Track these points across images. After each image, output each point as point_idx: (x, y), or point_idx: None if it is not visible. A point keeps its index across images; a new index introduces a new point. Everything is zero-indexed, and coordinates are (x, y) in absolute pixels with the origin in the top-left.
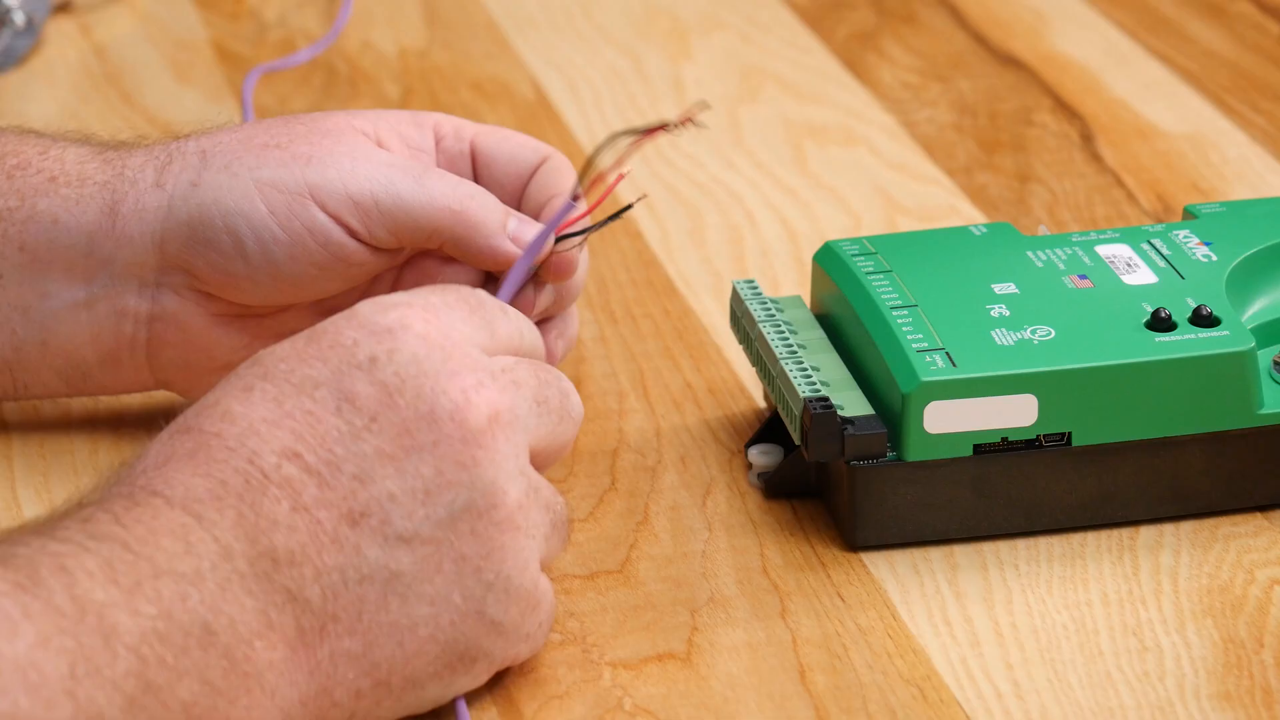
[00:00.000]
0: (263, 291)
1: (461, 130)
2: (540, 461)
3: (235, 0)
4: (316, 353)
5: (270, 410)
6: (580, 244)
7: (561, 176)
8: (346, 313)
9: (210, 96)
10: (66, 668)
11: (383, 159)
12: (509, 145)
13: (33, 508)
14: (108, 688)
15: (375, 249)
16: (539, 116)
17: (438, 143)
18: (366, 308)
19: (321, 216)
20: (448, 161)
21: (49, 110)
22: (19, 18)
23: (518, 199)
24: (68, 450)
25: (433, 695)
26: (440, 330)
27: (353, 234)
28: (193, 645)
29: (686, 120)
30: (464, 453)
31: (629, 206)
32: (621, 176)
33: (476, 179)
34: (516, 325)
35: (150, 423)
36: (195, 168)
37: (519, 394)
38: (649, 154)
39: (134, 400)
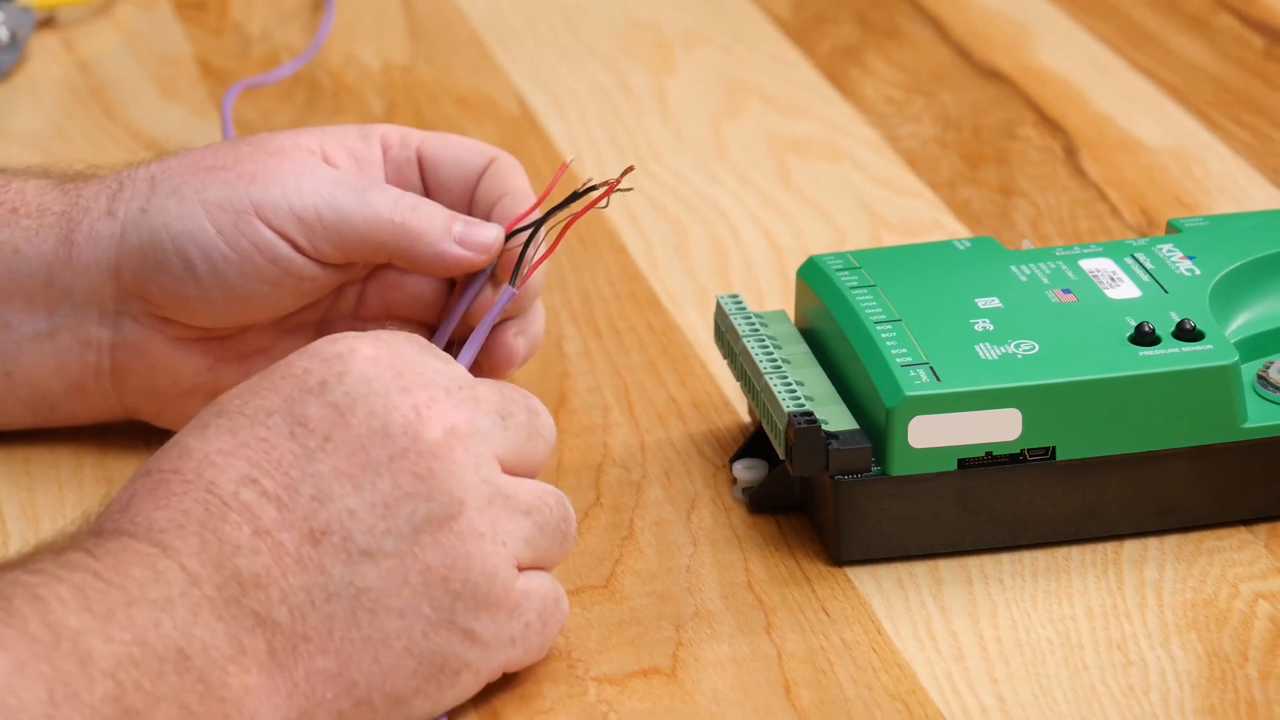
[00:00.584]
0: (218, 312)
1: (408, 138)
2: (521, 473)
3: (219, 15)
4: (269, 385)
5: (225, 442)
6: (532, 239)
7: (509, 176)
8: (300, 350)
9: (194, 111)
10: (45, 693)
11: (327, 175)
12: (454, 149)
13: (18, 524)
14: (86, 712)
15: (323, 264)
16: (523, 131)
17: (385, 152)
18: (319, 342)
19: (267, 233)
20: (395, 170)
21: (33, 125)
22: (2, 33)
23: (468, 202)
24: (52, 465)
25: (421, 711)
26: (391, 353)
27: (299, 249)
28: (168, 670)
29: (613, 186)
30: (419, 464)
31: (588, 189)
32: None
33: (425, 185)
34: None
35: (134, 435)
36: (145, 194)
37: (478, 408)
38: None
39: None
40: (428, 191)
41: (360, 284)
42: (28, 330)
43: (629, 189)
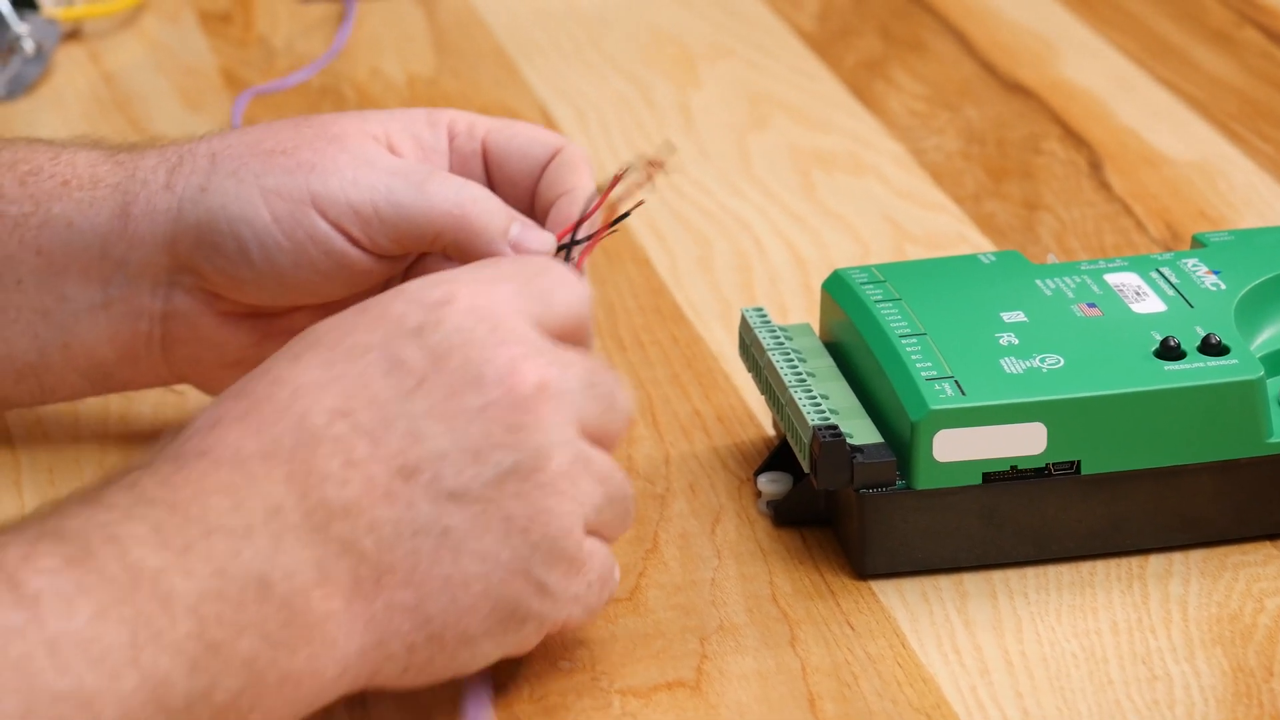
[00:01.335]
0: (269, 294)
1: (474, 128)
2: (598, 445)
3: (244, 27)
4: (365, 323)
5: (319, 374)
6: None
7: (572, 171)
8: (394, 289)
9: (219, 123)
10: (127, 637)
11: (386, 165)
12: (520, 140)
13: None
14: (170, 651)
15: (378, 256)
16: None
17: (451, 141)
18: (414, 284)
19: (323, 225)
20: (460, 160)
21: (58, 137)
22: (28, 45)
23: (530, 194)
24: (74, 460)
25: (484, 653)
26: (488, 303)
27: (355, 242)
28: (249, 599)
29: (654, 170)
30: (511, 417)
31: (626, 215)
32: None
33: (489, 176)
34: (579, 293)
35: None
36: (204, 171)
37: (567, 372)
38: (656, 180)
39: (144, 411)
40: (491, 183)
41: (402, 271)
42: (83, 302)
43: (628, 214)
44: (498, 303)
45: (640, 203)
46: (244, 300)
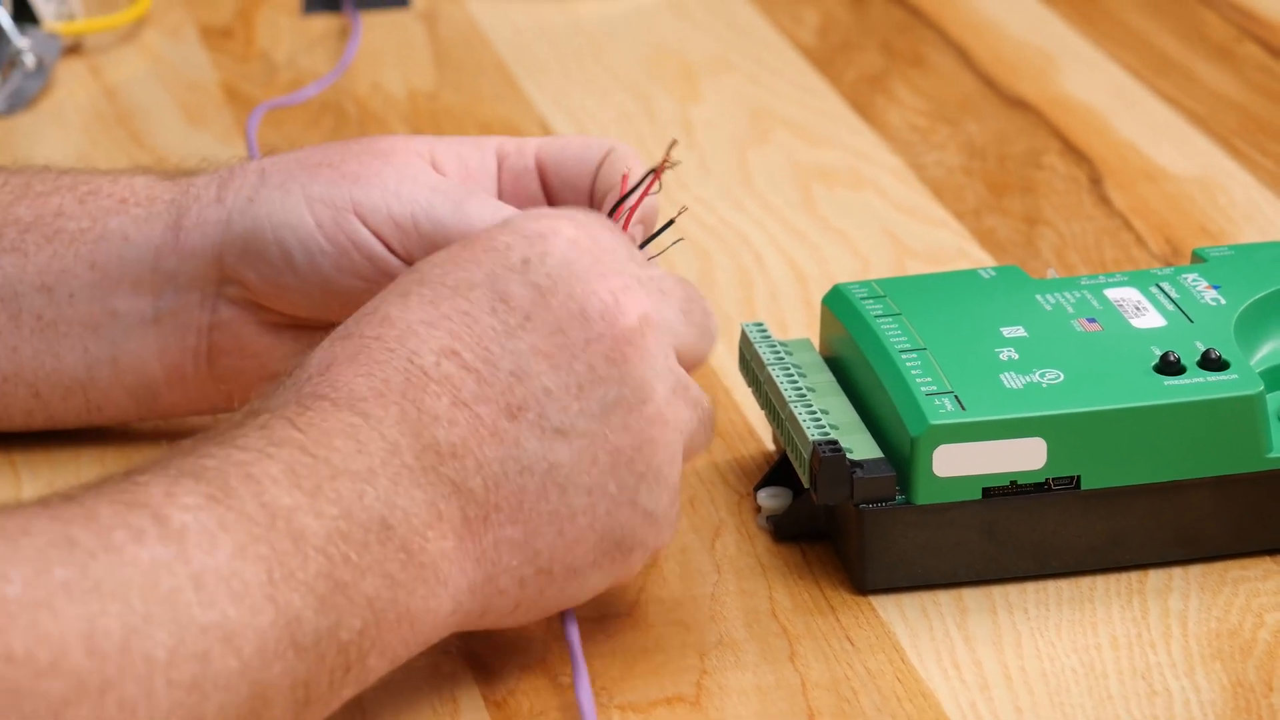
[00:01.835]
0: (311, 302)
1: (524, 147)
2: (684, 368)
3: (245, 42)
4: (470, 256)
5: (427, 312)
6: None
7: (625, 163)
8: (498, 222)
9: (221, 138)
10: (265, 574)
11: (428, 182)
12: (572, 148)
13: None
14: (302, 590)
15: None
16: None
17: (501, 162)
18: (518, 217)
19: (364, 231)
20: (513, 179)
21: (59, 152)
22: (29, 60)
23: (589, 197)
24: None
25: (592, 585)
26: (590, 236)
27: (393, 250)
28: (373, 541)
29: (660, 169)
30: (615, 350)
31: (670, 222)
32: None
33: (546, 188)
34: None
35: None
36: (253, 185)
37: (665, 300)
38: (659, 196)
39: (145, 426)
40: (550, 194)
41: None
42: (134, 317)
43: (677, 163)
44: (598, 236)
45: (684, 209)
46: (287, 310)
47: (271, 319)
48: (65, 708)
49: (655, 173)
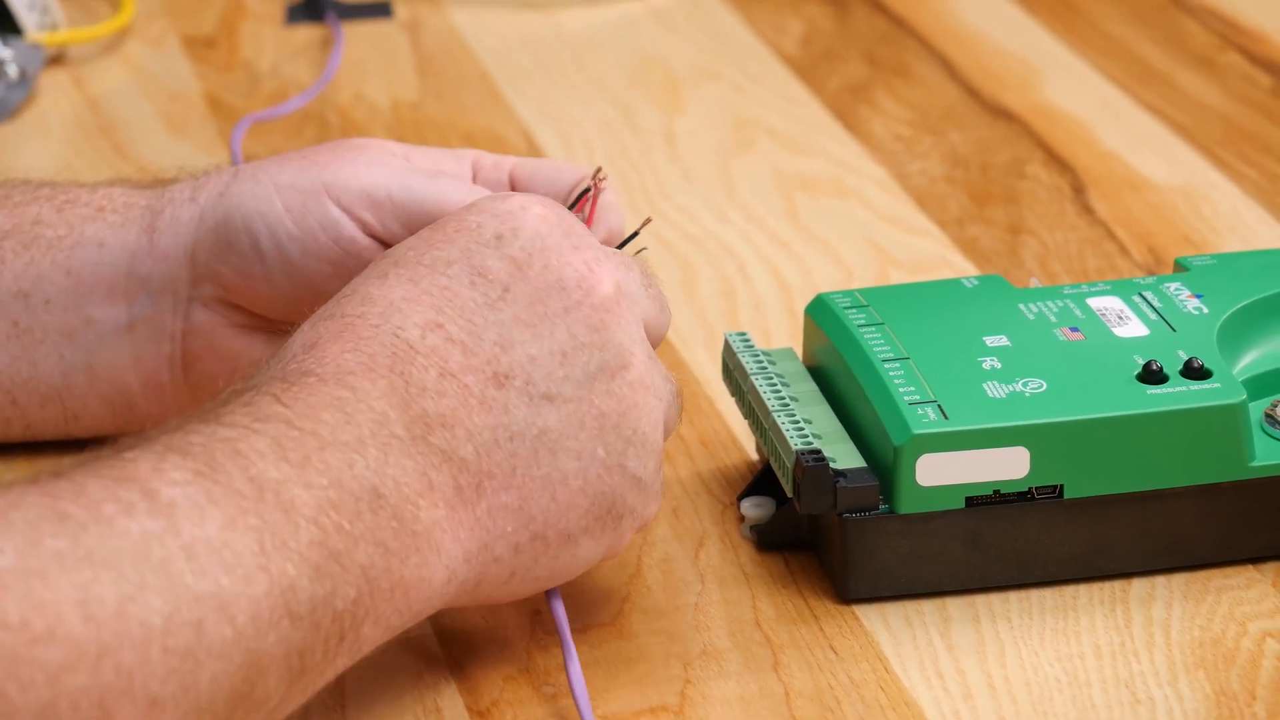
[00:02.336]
0: (280, 294)
1: (501, 162)
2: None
3: (228, 52)
4: (443, 237)
5: (407, 290)
6: None
7: (600, 192)
8: (466, 205)
9: (203, 148)
10: (256, 544)
11: (400, 165)
12: (547, 170)
13: None
14: (295, 559)
15: (387, 244)
16: None
17: (476, 173)
18: (484, 199)
19: (335, 210)
20: (486, 187)
21: (42, 162)
22: (12, 70)
23: None
24: None
25: (585, 553)
26: (556, 213)
27: (365, 228)
28: (364, 510)
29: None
30: (594, 317)
31: (634, 234)
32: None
33: None
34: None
35: None
36: (226, 181)
37: (631, 273)
38: (641, 205)
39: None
40: None
41: None
42: (108, 324)
43: (636, 233)
44: (561, 213)
45: (648, 220)
46: (257, 306)
47: (243, 321)
48: (63, 673)
49: (588, 193)
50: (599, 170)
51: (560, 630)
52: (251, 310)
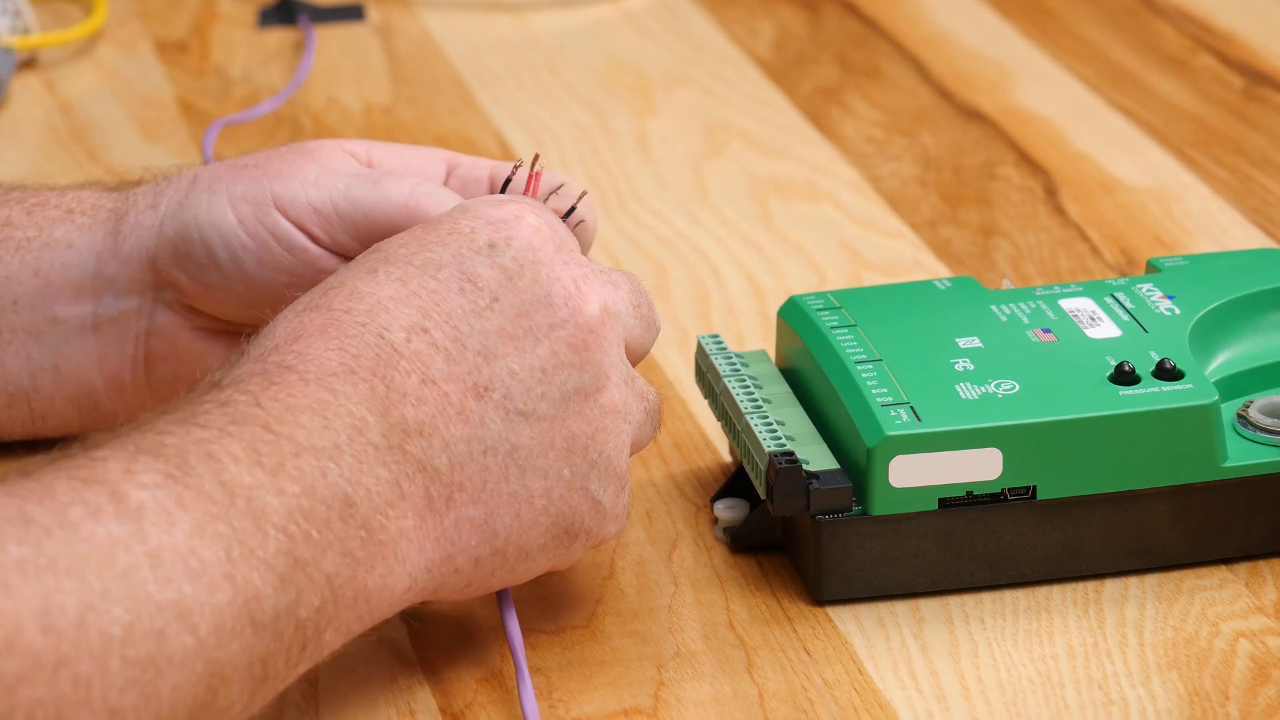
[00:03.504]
0: (238, 301)
1: (479, 163)
2: (629, 360)
3: (200, 57)
4: (435, 238)
5: (396, 289)
6: None
7: (572, 198)
8: (459, 206)
9: (176, 153)
10: (223, 552)
11: (347, 170)
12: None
13: None
14: (261, 568)
15: (341, 256)
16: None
17: (452, 170)
18: (477, 202)
19: (284, 222)
20: (461, 185)
21: (14, 167)
22: None
23: None
24: None
25: (537, 566)
26: (549, 224)
27: (315, 240)
28: (334, 519)
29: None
30: (577, 337)
31: (572, 209)
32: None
33: None
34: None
35: None
36: (185, 189)
37: (618, 291)
38: (614, 209)
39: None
40: None
41: None
42: (74, 324)
43: (574, 208)
44: (555, 224)
45: (585, 192)
46: (217, 312)
47: (205, 324)
48: (19, 684)
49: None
50: (536, 157)
51: (512, 645)
52: (212, 314)
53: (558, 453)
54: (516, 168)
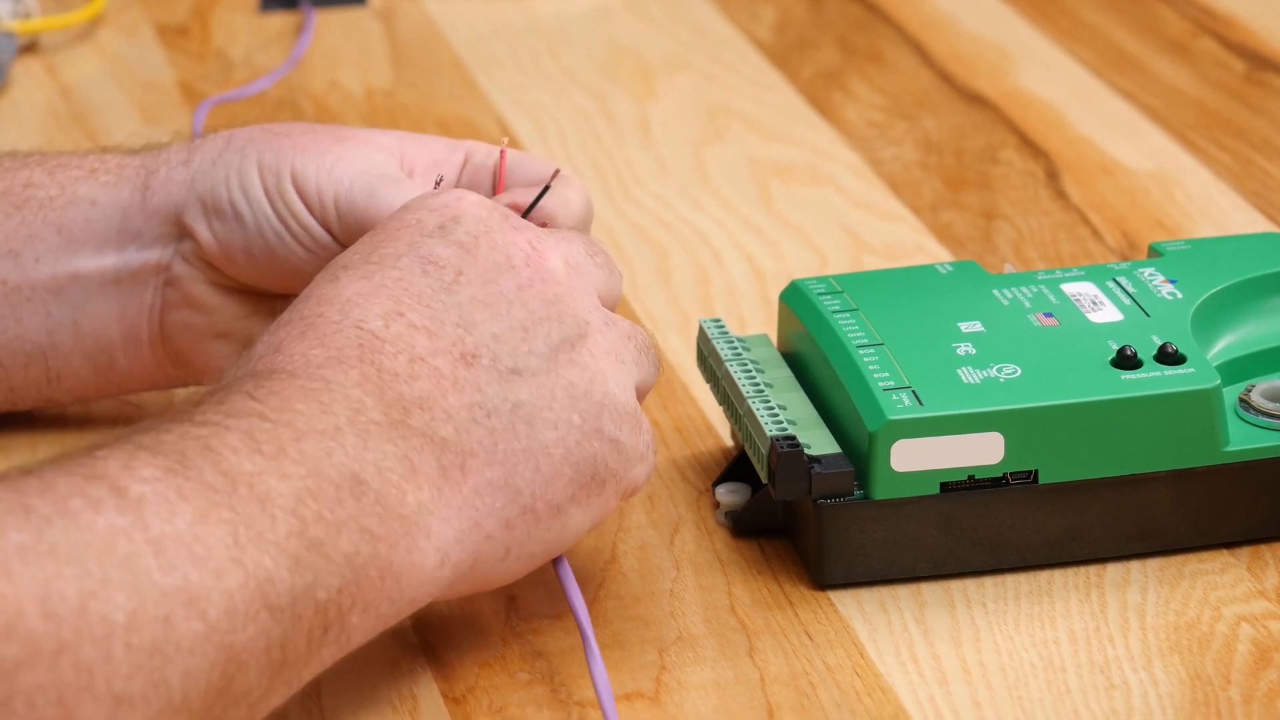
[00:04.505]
0: (257, 268)
1: (493, 152)
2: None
3: (201, 40)
4: (386, 236)
5: (360, 286)
6: None
7: (563, 186)
8: (400, 207)
9: (177, 137)
10: (229, 537)
11: (362, 166)
12: (526, 162)
13: None
14: (272, 550)
15: (343, 247)
16: None
17: (468, 158)
18: (419, 197)
19: (299, 201)
20: (472, 172)
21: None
22: None
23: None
24: None
25: (575, 523)
26: (491, 201)
27: (322, 224)
28: (345, 497)
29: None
30: (546, 291)
31: (545, 189)
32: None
33: (494, 190)
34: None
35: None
36: (219, 149)
37: (573, 246)
38: (615, 193)
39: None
40: (496, 194)
41: None
42: (95, 278)
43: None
44: (496, 203)
45: (557, 171)
46: (233, 271)
47: (221, 280)
48: (19, 670)
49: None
50: (504, 140)
51: (571, 601)
52: (230, 275)
53: (562, 402)
54: (503, 152)
